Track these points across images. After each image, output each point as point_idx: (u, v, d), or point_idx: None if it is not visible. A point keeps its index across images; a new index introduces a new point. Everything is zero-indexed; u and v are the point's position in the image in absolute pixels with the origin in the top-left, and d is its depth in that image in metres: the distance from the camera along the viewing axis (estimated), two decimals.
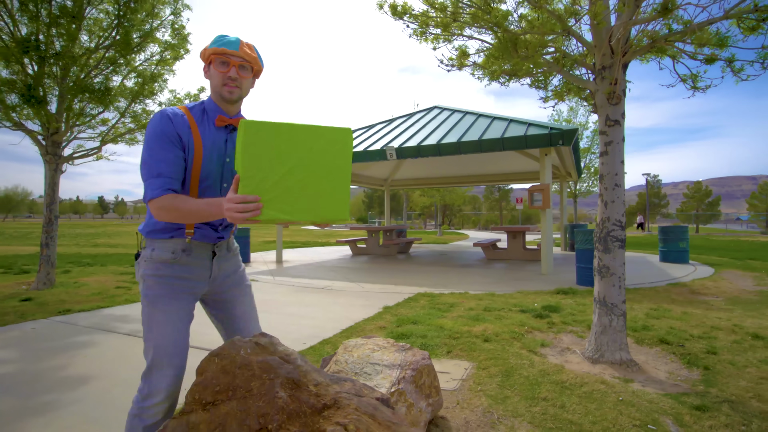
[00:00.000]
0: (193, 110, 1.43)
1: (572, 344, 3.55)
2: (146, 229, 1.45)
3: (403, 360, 2.16)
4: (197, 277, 1.49)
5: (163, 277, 1.42)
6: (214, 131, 1.44)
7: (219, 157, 1.45)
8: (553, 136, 7.55)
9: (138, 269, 1.48)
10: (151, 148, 1.32)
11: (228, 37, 1.42)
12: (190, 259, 1.47)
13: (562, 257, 11.54)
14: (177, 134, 1.34)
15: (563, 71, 3.45)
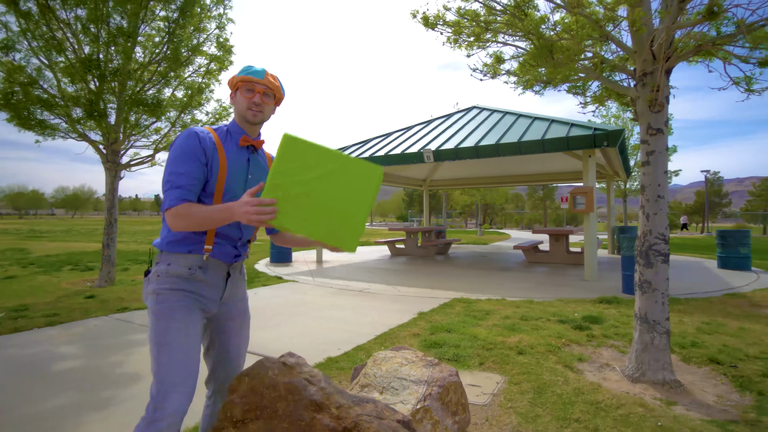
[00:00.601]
0: (218, 131, 1.55)
1: (612, 360, 3.44)
2: (164, 241, 1.48)
3: (430, 376, 2.19)
4: (210, 295, 1.52)
5: (179, 290, 1.44)
6: (237, 150, 1.55)
7: (241, 174, 1.55)
8: (597, 138, 7.26)
9: (147, 286, 1.48)
10: (174, 162, 1.40)
11: (254, 67, 1.56)
12: (206, 277, 1.49)
13: (607, 261, 11.07)
14: (202, 149, 1.43)
15: (601, 77, 3.33)
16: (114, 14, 6.11)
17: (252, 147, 1.60)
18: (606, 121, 17.75)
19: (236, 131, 1.57)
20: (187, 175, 1.39)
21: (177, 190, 1.36)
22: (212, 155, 1.45)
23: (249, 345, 3.87)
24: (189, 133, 1.44)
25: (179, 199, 1.35)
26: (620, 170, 11.84)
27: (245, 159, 1.57)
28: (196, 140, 1.43)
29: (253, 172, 1.59)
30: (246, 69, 1.54)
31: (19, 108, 5.79)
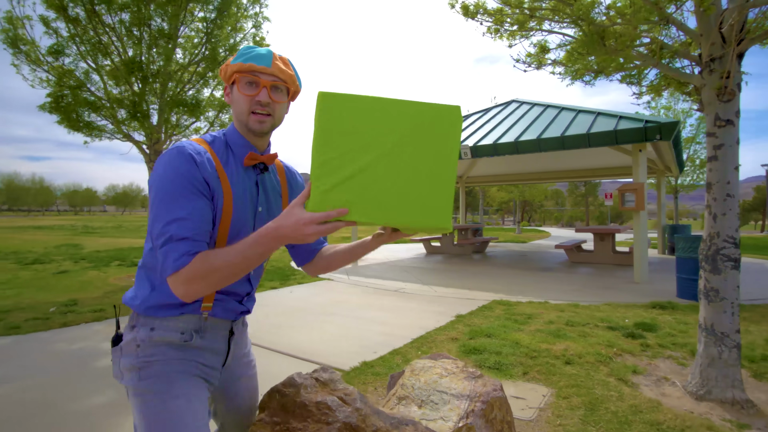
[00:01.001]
0: (215, 145, 1.10)
1: (671, 373, 3.15)
2: (143, 304, 1.06)
3: (472, 390, 2.04)
4: (211, 363, 1.14)
5: (170, 360, 1.06)
6: (243, 173, 1.11)
7: (251, 207, 1.12)
8: (648, 131, 6.79)
9: (120, 359, 1.07)
10: (168, 198, 0.95)
11: (257, 49, 1.08)
12: (204, 342, 1.11)
13: (658, 262, 10.43)
14: (203, 179, 0.99)
15: (661, 64, 3.04)
16: (155, 17, 6.26)
17: (261, 165, 1.15)
18: (655, 113, 16.77)
19: (239, 144, 1.12)
20: (192, 217, 0.95)
21: (182, 243, 0.92)
22: (215, 186, 1.03)
23: (284, 346, 3.87)
24: (180, 153, 0.98)
25: (189, 254, 0.92)
26: (672, 165, 11.12)
27: (253, 183, 1.14)
28: (192, 165, 0.98)
29: (264, 201, 1.17)
30: (245, 52, 1.07)
31: (69, 110, 6.05)
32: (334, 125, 0.86)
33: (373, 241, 1.09)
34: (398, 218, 0.89)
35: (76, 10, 5.98)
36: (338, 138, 0.86)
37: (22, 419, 2.50)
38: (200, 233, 0.96)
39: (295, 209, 0.86)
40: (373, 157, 0.87)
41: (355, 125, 0.87)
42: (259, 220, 1.15)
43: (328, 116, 0.86)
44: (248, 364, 1.31)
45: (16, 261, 9.80)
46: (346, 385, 1.40)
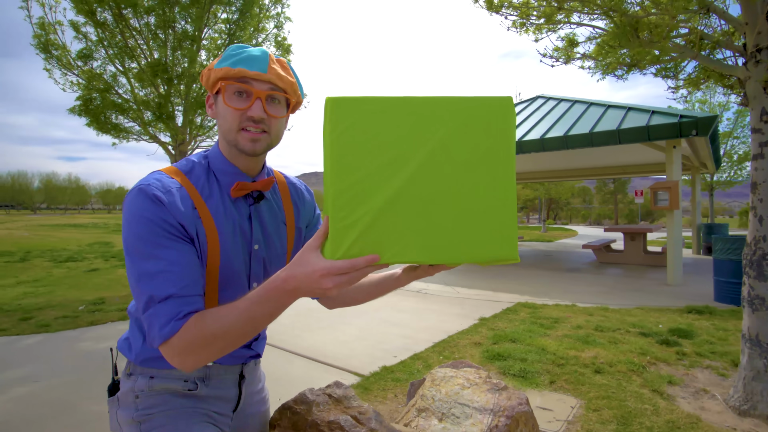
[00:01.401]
0: (193, 174, 0.90)
1: (710, 385, 2.96)
2: (140, 356, 0.93)
3: (496, 404, 1.94)
4: (219, 410, 1.00)
5: (174, 408, 0.93)
6: (231, 206, 0.92)
7: (243, 247, 0.93)
8: (683, 126, 6.46)
9: (117, 411, 0.95)
10: (139, 253, 0.77)
11: (248, 49, 0.87)
12: (211, 391, 0.98)
13: (693, 263, 9.97)
14: (175, 223, 0.80)
15: (700, 56, 2.84)
16: (179, 19, 6.34)
17: (255, 193, 0.96)
18: (689, 107, 16.07)
19: (224, 171, 0.92)
20: (172, 269, 0.77)
21: (166, 304, 0.75)
22: (195, 228, 0.84)
23: (302, 349, 3.83)
24: (141, 195, 0.79)
25: (178, 318, 0.75)
26: (708, 161, 10.61)
27: (245, 217, 0.94)
28: (159, 207, 0.79)
29: (259, 237, 0.96)
30: (233, 53, 0.86)
31: (97, 113, 6.20)
32: (351, 140, 0.65)
33: (405, 276, 0.91)
34: (448, 254, 0.68)
35: (104, 14, 6.11)
36: (358, 156, 0.65)
37: (44, 419, 2.54)
38: (187, 286, 0.78)
39: (310, 255, 0.68)
40: (406, 176, 0.66)
41: (379, 136, 0.66)
42: (256, 261, 0.96)
43: (343, 128, 0.65)
44: (261, 401, 1.17)
45: (51, 259, 10.17)
46: (360, 402, 1.33)
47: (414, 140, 0.67)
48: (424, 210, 0.67)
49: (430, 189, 0.67)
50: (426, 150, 0.67)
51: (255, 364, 1.13)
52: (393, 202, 0.65)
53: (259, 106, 0.85)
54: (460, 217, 0.68)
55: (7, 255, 10.84)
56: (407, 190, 0.66)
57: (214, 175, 0.92)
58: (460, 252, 0.69)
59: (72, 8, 6.01)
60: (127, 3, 5.94)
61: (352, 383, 3.01)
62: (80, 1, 5.82)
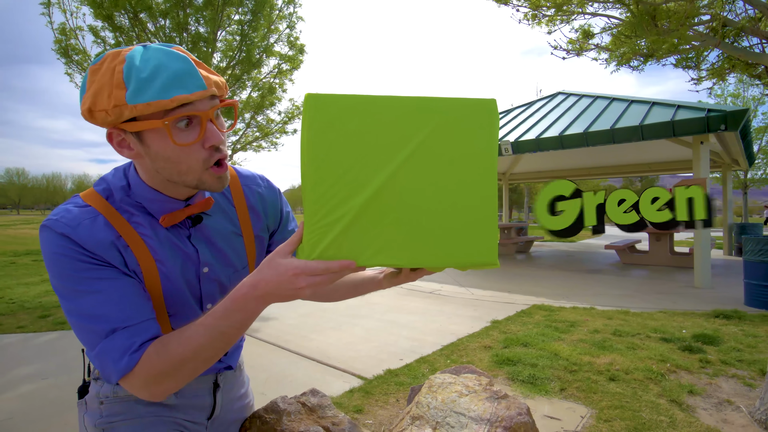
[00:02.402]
0: (115, 199, 0.77)
1: (735, 395, 2.76)
2: None
3: (493, 413, 1.83)
4: (191, 419, 0.95)
5: (141, 417, 0.88)
6: (165, 232, 0.81)
7: (188, 271, 0.83)
8: (711, 121, 6.14)
9: (84, 414, 0.90)
10: (67, 293, 0.70)
11: (163, 63, 0.66)
12: (181, 400, 0.93)
13: (723, 264, 9.51)
14: (94, 256, 0.71)
15: (723, 44, 2.66)
16: (193, 22, 6.41)
17: (192, 215, 0.83)
18: (721, 101, 15.39)
19: (151, 199, 0.78)
20: (110, 300, 0.70)
21: (115, 338, 0.68)
22: (122, 258, 0.75)
23: (307, 350, 3.79)
24: (49, 235, 0.70)
25: (133, 350, 0.68)
26: (740, 158, 10.11)
27: (184, 240, 0.83)
28: (71, 246, 0.70)
29: (210, 256, 0.86)
30: (146, 75, 0.65)
31: None
32: (330, 138, 0.62)
33: (386, 281, 0.85)
34: (427, 257, 0.66)
35: (121, 19, 6.23)
36: (337, 155, 0.63)
37: (47, 416, 2.56)
38: (131, 315, 0.70)
39: (280, 258, 0.63)
40: (385, 177, 0.63)
41: (359, 136, 0.63)
42: (208, 283, 0.86)
43: (321, 126, 0.62)
44: (243, 408, 1.11)
45: None
46: (336, 411, 1.26)
47: (395, 141, 0.64)
48: (403, 213, 0.65)
49: (410, 191, 0.65)
50: (406, 151, 0.64)
51: (233, 372, 1.06)
52: (371, 203, 0.63)
53: (214, 130, 0.71)
54: (440, 221, 0.66)
55: (36, 254, 11.25)
56: (386, 191, 0.64)
57: (138, 205, 0.79)
58: (439, 256, 0.66)
59: (91, 13, 6.15)
60: (142, 7, 6.04)
61: (355, 386, 2.95)
62: (98, 6, 5.94)
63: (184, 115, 0.68)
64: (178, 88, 0.66)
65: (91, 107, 0.67)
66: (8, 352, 3.74)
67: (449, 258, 0.67)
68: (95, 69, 0.68)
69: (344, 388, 2.93)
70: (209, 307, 0.89)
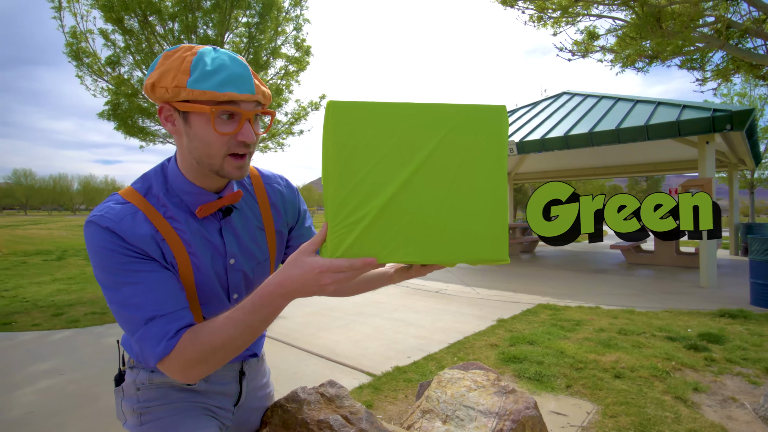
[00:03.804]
0: (152, 195, 0.85)
1: (740, 393, 2.80)
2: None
3: (501, 407, 1.88)
4: (219, 405, 1.03)
5: (175, 402, 0.95)
6: (198, 224, 0.88)
7: (217, 262, 0.90)
8: (717, 120, 6.15)
9: (121, 400, 0.97)
10: (115, 282, 0.77)
11: (227, 65, 0.77)
12: (210, 386, 1.00)
13: (730, 264, 9.50)
14: (136, 249, 0.79)
15: (728, 45, 2.69)
16: (202, 24, 6.50)
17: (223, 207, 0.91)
18: (727, 101, 15.34)
19: (187, 192, 0.87)
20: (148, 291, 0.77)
21: (153, 325, 0.76)
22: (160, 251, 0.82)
23: (316, 347, 3.85)
24: (95, 230, 0.78)
25: (169, 337, 0.75)
26: (747, 157, 10.08)
27: (215, 232, 0.90)
28: (114, 239, 0.77)
29: (235, 250, 0.93)
30: (213, 70, 0.75)
31: (125, 117, 6.42)
32: (352, 143, 0.67)
33: (397, 275, 0.90)
34: (442, 254, 0.71)
35: (131, 22, 6.33)
36: (358, 159, 0.67)
37: (66, 411, 2.64)
38: (167, 304, 0.78)
39: (305, 257, 0.69)
40: (403, 179, 0.69)
41: (378, 141, 0.68)
42: (234, 274, 0.94)
43: (344, 132, 0.67)
44: (265, 397, 1.20)
45: (85, 257, 10.62)
46: (353, 401, 1.31)
47: (411, 145, 0.69)
48: (420, 212, 0.69)
49: (426, 192, 0.69)
50: (422, 154, 0.69)
51: (257, 360, 1.14)
52: (390, 204, 0.68)
53: (250, 130, 0.80)
54: (454, 219, 0.70)
55: (46, 254, 11.39)
56: (404, 192, 0.69)
57: (174, 196, 0.87)
58: (453, 252, 0.71)
59: (101, 17, 6.25)
60: (152, 10, 6.13)
61: (363, 383, 3.01)
62: (109, 10, 6.04)
63: (229, 110, 0.77)
64: (232, 87, 0.76)
65: (155, 83, 0.77)
66: (25, 348, 3.83)
67: (463, 254, 0.71)
68: (168, 54, 0.78)
69: (353, 385, 2.98)
70: (235, 297, 0.96)
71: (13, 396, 2.85)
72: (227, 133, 0.79)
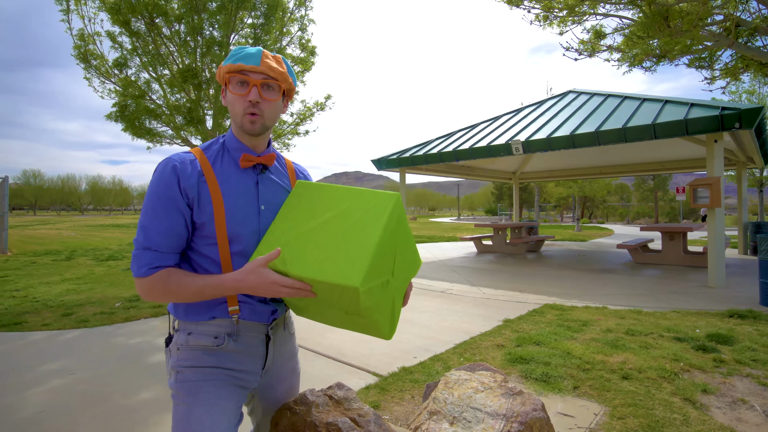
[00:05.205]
0: (209, 150, 1.14)
1: (749, 395, 2.78)
2: (178, 307, 1.15)
3: (509, 409, 1.88)
4: (249, 368, 1.16)
5: (204, 367, 1.10)
6: (239, 174, 1.14)
7: (249, 206, 1.13)
8: (725, 119, 6.09)
9: (169, 359, 1.15)
10: (146, 210, 1.05)
11: (246, 48, 1.12)
12: (239, 346, 1.14)
13: (739, 264, 9.40)
14: (179, 190, 1.05)
15: (737, 44, 2.67)
16: (208, 26, 6.53)
17: (261, 165, 1.19)
18: (736, 99, 15.18)
19: (234, 147, 1.15)
20: (159, 230, 1.04)
21: (145, 253, 1.03)
22: (198, 191, 1.07)
23: (323, 347, 3.87)
24: (165, 166, 1.06)
25: (149, 267, 1.02)
26: (756, 156, 9.97)
27: (253, 183, 1.16)
28: (173, 176, 1.05)
29: (267, 199, 1.17)
30: (235, 53, 1.11)
31: (132, 119, 6.46)
32: (298, 201, 1.14)
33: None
34: (311, 271, 1.00)
35: (138, 24, 6.37)
36: (296, 210, 1.12)
37: (77, 410, 2.67)
38: (165, 245, 1.05)
39: (260, 269, 0.99)
40: (316, 224, 1.08)
41: (310, 201, 1.12)
42: (264, 217, 1.16)
43: (295, 194, 1.16)
44: (292, 371, 1.34)
45: (93, 257, 10.71)
46: (361, 404, 1.32)
47: (328, 207, 1.11)
48: (314, 246, 1.04)
49: (326, 234, 1.06)
50: (332, 213, 1.10)
51: (285, 329, 1.31)
52: (303, 235, 1.07)
53: (255, 92, 1.09)
54: (333, 254, 1.02)
55: (54, 254, 11.50)
56: (313, 231, 1.07)
57: (227, 150, 1.16)
58: (318, 272, 0.99)
59: (109, 19, 6.30)
60: (158, 12, 6.17)
61: (370, 383, 3.01)
62: (116, 12, 6.08)
63: (239, 77, 1.09)
64: (242, 61, 1.08)
65: (218, 68, 1.13)
66: (35, 348, 3.87)
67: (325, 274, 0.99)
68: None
69: (360, 385, 2.99)
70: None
71: (24, 395, 2.88)
72: (240, 95, 1.09)
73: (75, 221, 36.16)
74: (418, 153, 10.87)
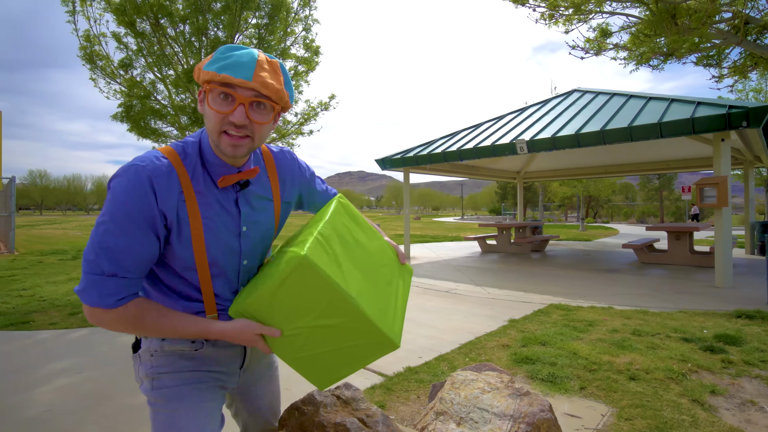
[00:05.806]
0: (187, 158, 0.95)
1: (759, 396, 2.75)
2: None
3: (516, 410, 1.87)
4: (227, 369, 1.11)
5: (183, 372, 1.03)
6: (218, 192, 0.98)
7: (230, 228, 1.00)
8: (732, 117, 6.04)
9: (138, 365, 1.05)
10: (110, 229, 0.84)
11: (236, 53, 0.88)
12: (217, 350, 1.07)
13: (746, 264, 9.33)
14: (157, 212, 0.88)
15: (746, 42, 2.64)
16: (212, 26, 6.54)
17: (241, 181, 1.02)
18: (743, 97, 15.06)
19: (212, 163, 0.97)
20: (129, 253, 0.86)
21: (112, 280, 0.85)
22: (178, 213, 0.91)
23: None
24: (135, 174, 0.86)
25: (118, 298, 0.87)
26: (763, 154, 9.89)
27: (232, 202, 1.00)
28: (149, 191, 0.86)
29: (249, 219, 1.03)
30: (222, 56, 0.88)
31: (137, 119, 6.49)
32: (292, 289, 0.91)
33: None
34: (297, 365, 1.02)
35: (143, 25, 6.39)
36: (293, 296, 0.92)
37: (84, 409, 2.68)
38: (135, 271, 0.89)
39: (254, 335, 0.96)
40: (311, 324, 0.96)
41: (313, 297, 0.92)
42: (246, 240, 1.03)
43: (291, 281, 0.90)
44: (269, 365, 1.28)
45: None
46: (369, 404, 1.32)
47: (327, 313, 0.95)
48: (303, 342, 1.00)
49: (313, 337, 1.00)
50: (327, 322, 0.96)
51: None
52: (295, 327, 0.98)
53: (242, 112, 0.87)
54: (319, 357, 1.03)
55: (61, 253, 11.57)
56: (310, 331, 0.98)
57: (205, 162, 0.97)
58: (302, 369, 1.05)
59: (114, 20, 6.33)
60: (163, 12, 6.19)
61: (375, 383, 3.01)
62: (121, 13, 6.11)
63: (224, 91, 0.87)
64: (230, 71, 0.85)
65: (197, 66, 0.92)
66: (43, 347, 3.90)
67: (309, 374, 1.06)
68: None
69: (365, 385, 2.99)
70: (245, 263, 1.07)
71: (31, 394, 2.90)
72: (221, 112, 0.87)
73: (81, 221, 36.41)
74: (422, 153, 10.85)
